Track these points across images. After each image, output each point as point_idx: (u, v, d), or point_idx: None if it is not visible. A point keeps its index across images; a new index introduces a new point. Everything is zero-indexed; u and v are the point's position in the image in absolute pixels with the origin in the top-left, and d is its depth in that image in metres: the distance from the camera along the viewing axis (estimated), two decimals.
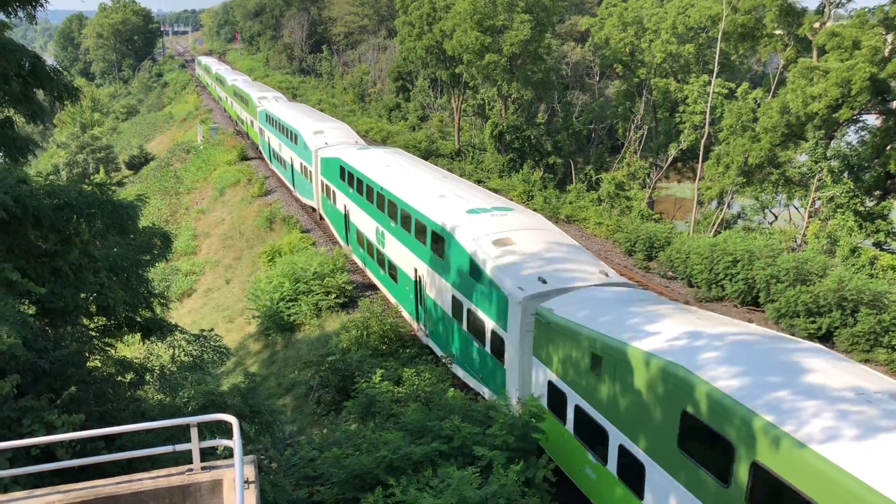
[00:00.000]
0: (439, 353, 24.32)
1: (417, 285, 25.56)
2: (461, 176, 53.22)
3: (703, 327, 14.16)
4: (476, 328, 20.87)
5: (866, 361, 24.98)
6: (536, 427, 15.34)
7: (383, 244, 28.91)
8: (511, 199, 48.14)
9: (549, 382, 17.02)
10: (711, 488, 11.88)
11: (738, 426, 11.24)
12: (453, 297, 22.26)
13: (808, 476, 10.07)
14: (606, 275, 19.40)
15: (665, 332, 14.10)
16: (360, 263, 34.26)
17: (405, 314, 27.54)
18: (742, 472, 11.17)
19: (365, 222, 31.42)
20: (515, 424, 14.96)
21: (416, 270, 25.46)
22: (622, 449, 14.16)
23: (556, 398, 16.78)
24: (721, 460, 11.62)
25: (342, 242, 36.98)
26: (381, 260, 29.49)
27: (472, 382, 21.86)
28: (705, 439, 12.13)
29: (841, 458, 9.77)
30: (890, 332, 25.03)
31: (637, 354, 13.62)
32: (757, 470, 10.89)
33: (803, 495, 10.10)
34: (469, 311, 21.18)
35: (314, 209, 43.30)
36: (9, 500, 8.37)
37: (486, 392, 20.83)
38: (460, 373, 22.60)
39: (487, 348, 20.26)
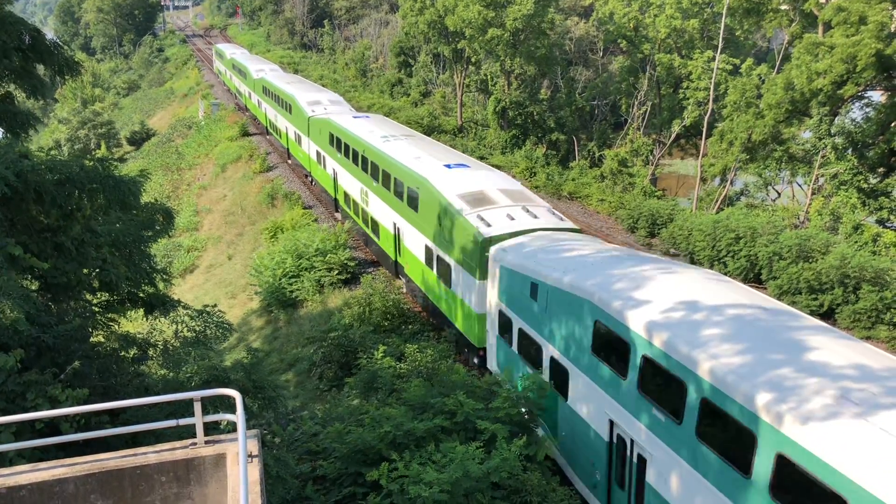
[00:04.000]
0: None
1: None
2: (464, 152, 53.31)
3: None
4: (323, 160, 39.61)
5: (868, 339, 25.01)
6: (539, 404, 15.43)
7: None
8: (513, 175, 48.01)
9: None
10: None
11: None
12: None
13: None
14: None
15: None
16: None
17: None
18: None
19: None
20: (518, 398, 15.05)
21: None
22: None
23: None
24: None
25: None
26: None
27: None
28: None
29: None
30: (892, 310, 25.04)
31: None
32: None
33: None
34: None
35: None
36: (13, 472, 8.42)
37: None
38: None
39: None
